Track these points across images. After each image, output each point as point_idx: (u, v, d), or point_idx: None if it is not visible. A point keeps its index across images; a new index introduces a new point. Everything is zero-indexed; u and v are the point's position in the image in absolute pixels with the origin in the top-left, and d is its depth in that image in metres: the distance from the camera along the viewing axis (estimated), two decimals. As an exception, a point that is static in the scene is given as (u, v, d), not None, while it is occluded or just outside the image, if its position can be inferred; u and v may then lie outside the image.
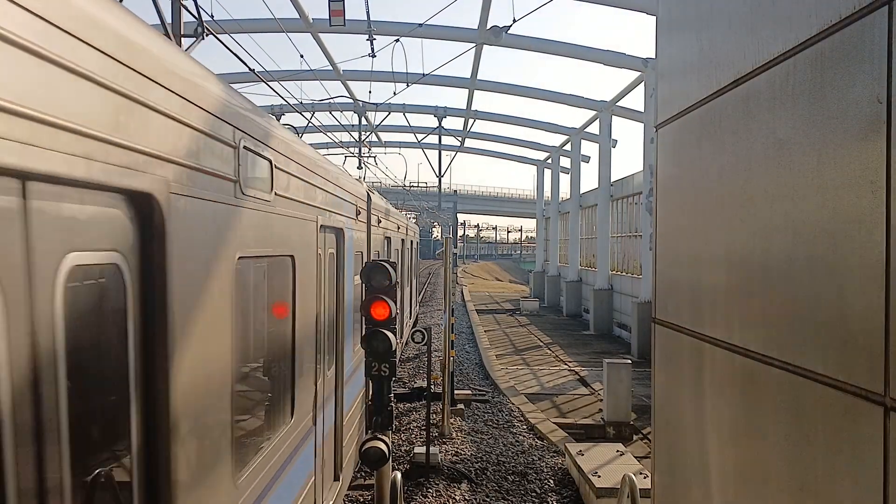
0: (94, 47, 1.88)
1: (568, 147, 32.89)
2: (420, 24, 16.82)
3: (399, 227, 15.39)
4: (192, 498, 2.63)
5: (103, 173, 1.91)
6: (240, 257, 3.20)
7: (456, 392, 12.99)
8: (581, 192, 31.71)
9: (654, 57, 4.34)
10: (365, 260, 8.50)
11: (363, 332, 6.01)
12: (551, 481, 9.24)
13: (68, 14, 1.76)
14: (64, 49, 1.73)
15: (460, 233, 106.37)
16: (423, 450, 9.42)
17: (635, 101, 64.26)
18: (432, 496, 8.59)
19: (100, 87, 1.92)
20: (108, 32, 1.97)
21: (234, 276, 3.13)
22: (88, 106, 1.86)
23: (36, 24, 1.61)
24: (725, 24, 2.98)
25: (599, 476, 8.32)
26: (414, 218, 40.07)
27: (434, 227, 59.53)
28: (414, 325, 18.92)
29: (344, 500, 8.05)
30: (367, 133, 30.42)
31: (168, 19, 6.83)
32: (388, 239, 12.34)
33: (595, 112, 26.56)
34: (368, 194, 8.98)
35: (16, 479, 1.58)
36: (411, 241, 20.36)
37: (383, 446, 5.77)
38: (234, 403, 3.19)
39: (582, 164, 32.00)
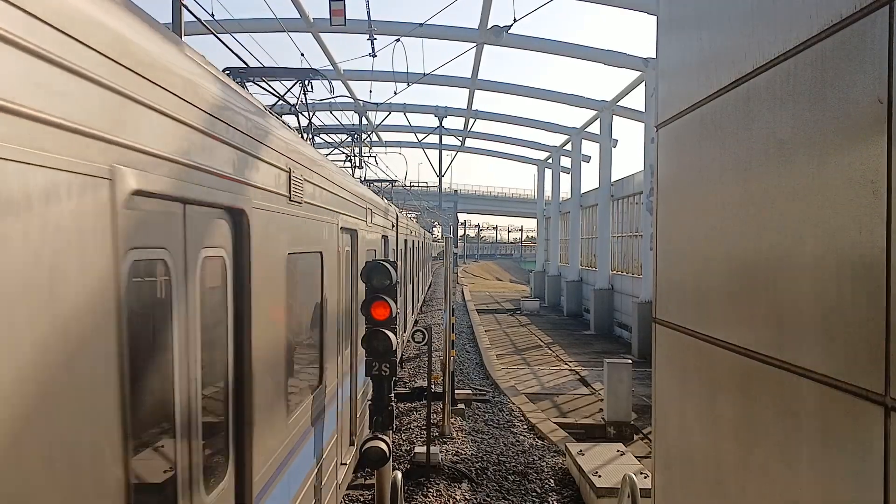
0: None
1: (569, 147, 32.87)
2: (421, 24, 16.81)
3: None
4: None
5: None
6: None
7: (456, 392, 12.98)
8: (582, 192, 31.70)
9: (654, 57, 4.33)
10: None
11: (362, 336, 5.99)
12: (552, 481, 9.24)
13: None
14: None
15: (461, 233, 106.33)
16: (423, 449, 9.42)
17: (636, 100, 64.23)
18: (433, 496, 8.59)
19: None
20: None
21: None
22: None
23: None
24: (726, 23, 2.98)
25: (600, 476, 8.32)
26: (415, 217, 40.04)
27: (435, 226, 59.56)
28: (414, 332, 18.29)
29: (344, 500, 8.05)
30: (368, 133, 30.43)
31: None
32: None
33: (596, 112, 26.55)
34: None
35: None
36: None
37: (384, 446, 5.78)
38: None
39: (582, 163, 31.99)
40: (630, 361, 12.62)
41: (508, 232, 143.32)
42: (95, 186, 1.91)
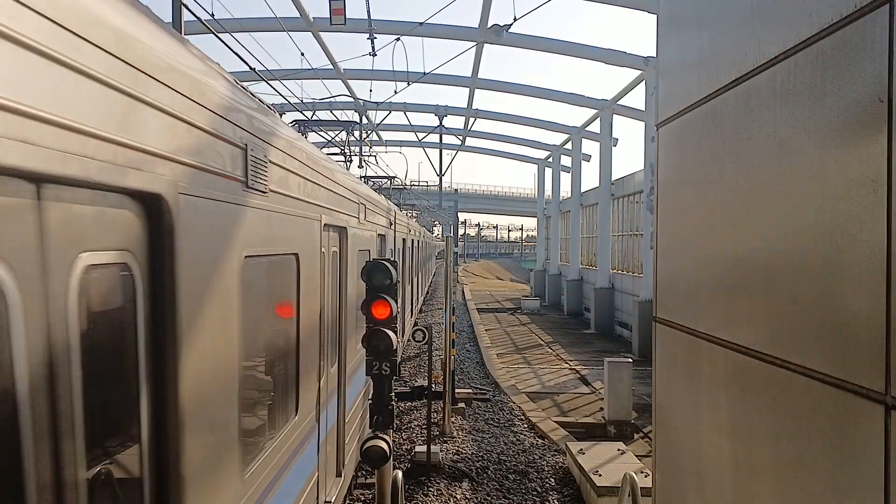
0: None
1: (569, 146, 32.86)
2: (421, 23, 16.80)
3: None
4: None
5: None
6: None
7: (457, 391, 12.98)
8: (582, 191, 31.70)
9: (655, 55, 4.33)
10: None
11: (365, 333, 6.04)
12: (552, 480, 9.24)
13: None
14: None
15: (461, 232, 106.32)
16: (424, 448, 9.43)
17: (636, 99, 64.21)
18: (433, 495, 8.59)
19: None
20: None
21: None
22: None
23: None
24: (726, 22, 2.97)
25: (600, 475, 8.32)
26: (415, 216, 40.10)
27: (435, 225, 59.57)
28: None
29: (345, 499, 8.05)
30: (368, 132, 30.42)
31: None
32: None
33: (596, 111, 26.53)
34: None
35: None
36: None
37: (384, 445, 5.78)
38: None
39: (583, 162, 31.98)
40: (630, 360, 12.63)
41: (509, 231, 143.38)
42: (317, 222, 5.11)
